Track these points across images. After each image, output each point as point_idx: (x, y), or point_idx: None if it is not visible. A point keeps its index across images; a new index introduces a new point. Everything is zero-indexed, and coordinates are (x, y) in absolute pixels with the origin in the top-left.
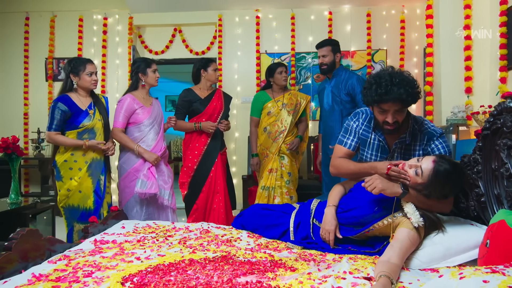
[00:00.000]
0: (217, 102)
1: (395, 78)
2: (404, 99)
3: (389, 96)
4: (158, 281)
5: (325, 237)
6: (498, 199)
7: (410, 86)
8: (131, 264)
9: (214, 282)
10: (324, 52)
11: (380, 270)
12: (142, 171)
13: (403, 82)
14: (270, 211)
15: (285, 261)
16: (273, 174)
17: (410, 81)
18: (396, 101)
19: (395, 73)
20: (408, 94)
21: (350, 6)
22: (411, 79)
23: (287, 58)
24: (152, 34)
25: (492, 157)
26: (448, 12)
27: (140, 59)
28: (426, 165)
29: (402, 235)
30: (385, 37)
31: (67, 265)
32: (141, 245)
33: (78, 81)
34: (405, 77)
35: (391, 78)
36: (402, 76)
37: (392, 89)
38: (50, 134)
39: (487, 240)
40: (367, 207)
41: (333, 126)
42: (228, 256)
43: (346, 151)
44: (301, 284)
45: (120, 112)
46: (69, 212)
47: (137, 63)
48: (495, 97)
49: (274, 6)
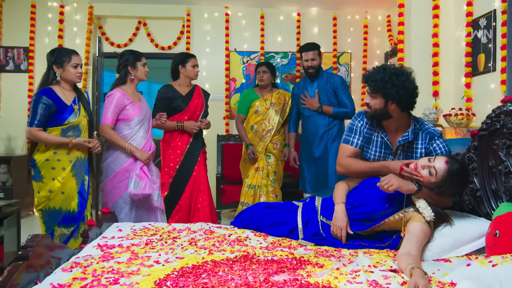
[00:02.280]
0: (198, 99)
1: (379, 67)
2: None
3: (364, 79)
4: (194, 284)
5: (336, 233)
6: (495, 194)
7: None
8: (154, 268)
9: (253, 282)
10: (313, 55)
11: (408, 263)
12: (134, 171)
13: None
14: (274, 210)
15: (307, 258)
16: (259, 173)
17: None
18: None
19: (393, 67)
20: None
21: (318, 9)
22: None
23: (257, 57)
24: (114, 26)
25: (489, 156)
26: (418, 21)
27: (129, 51)
28: (439, 165)
29: (417, 229)
30: (349, 40)
31: (84, 273)
32: (151, 248)
33: (62, 73)
34: (395, 70)
35: (380, 67)
36: (396, 69)
37: (368, 74)
38: (31, 130)
39: (496, 230)
40: (378, 203)
41: (318, 124)
42: (249, 256)
43: (353, 150)
44: (336, 280)
45: (109, 107)
46: (49, 216)
47: (125, 55)
48: (460, 100)
49: (244, 4)
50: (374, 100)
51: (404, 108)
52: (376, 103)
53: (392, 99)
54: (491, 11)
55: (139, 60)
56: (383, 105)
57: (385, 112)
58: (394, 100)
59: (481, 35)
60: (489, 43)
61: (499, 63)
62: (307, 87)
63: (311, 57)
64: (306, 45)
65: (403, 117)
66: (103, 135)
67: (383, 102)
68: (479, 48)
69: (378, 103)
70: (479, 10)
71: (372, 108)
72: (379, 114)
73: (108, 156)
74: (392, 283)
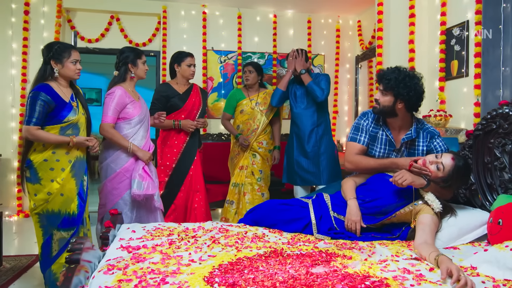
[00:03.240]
0: (196, 98)
1: (402, 71)
2: (382, 81)
3: (378, 76)
4: (243, 279)
5: (351, 227)
6: (490, 187)
7: (404, 79)
8: (194, 267)
9: (297, 275)
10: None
11: (430, 251)
12: (136, 171)
13: (393, 71)
14: (288, 206)
15: (332, 251)
16: (243, 171)
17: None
18: (382, 81)
19: (406, 70)
20: (389, 80)
21: (293, 11)
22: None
23: (234, 57)
24: (84, 20)
25: (485, 153)
26: (396, 27)
27: (129, 48)
28: (446, 161)
29: (428, 220)
30: (323, 43)
31: (125, 274)
32: (176, 247)
33: (60, 69)
34: (408, 73)
35: (394, 68)
36: (409, 72)
37: (382, 73)
38: (30, 129)
39: (499, 219)
40: (390, 197)
41: (307, 120)
42: (277, 251)
43: (360, 147)
44: (371, 269)
45: (110, 105)
46: (48, 219)
47: (125, 53)
48: (435, 102)
49: (221, 3)
50: (384, 97)
51: (410, 109)
52: (385, 100)
53: (402, 98)
54: (464, 21)
55: (140, 57)
56: (392, 103)
57: (392, 110)
58: (403, 100)
59: (454, 43)
60: (462, 51)
61: (472, 69)
62: (297, 86)
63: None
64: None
65: (407, 117)
66: (104, 134)
67: (392, 100)
68: (452, 54)
69: (387, 101)
70: (453, 20)
71: (381, 104)
72: (386, 111)
73: (107, 156)
74: (421, 269)
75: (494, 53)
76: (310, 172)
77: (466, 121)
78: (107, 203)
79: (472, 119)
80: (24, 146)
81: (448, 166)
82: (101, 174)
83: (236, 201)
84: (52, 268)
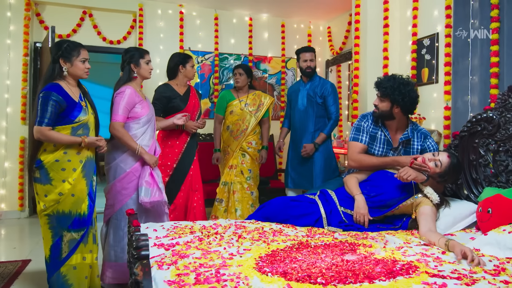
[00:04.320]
0: (195, 99)
1: (396, 79)
2: (379, 88)
3: (376, 85)
4: (291, 268)
5: (359, 219)
6: (475, 181)
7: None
8: (238, 260)
9: (336, 262)
10: (311, 56)
11: (438, 237)
12: (142, 178)
13: (388, 79)
14: (299, 202)
15: (351, 241)
16: (233, 170)
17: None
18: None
19: (401, 78)
20: (384, 88)
21: (268, 15)
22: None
23: (211, 58)
24: (55, 14)
25: (470, 151)
26: (372, 36)
27: (134, 48)
28: (443, 158)
29: (428, 211)
30: (295, 47)
31: (178, 269)
32: (208, 243)
33: (69, 67)
34: (402, 81)
35: (389, 76)
36: (403, 80)
37: (379, 81)
38: (42, 130)
39: (489, 208)
40: (393, 191)
41: (306, 124)
42: (303, 243)
43: (362, 146)
44: (393, 255)
45: (121, 104)
46: (58, 220)
47: (130, 52)
48: None
49: (199, 4)
50: (382, 103)
51: (406, 112)
52: (383, 106)
53: (398, 104)
54: (434, 33)
55: (143, 57)
56: (389, 108)
57: (390, 113)
58: (399, 105)
59: (425, 52)
60: (432, 60)
61: (441, 77)
62: (300, 88)
63: (309, 57)
64: (305, 47)
65: (403, 119)
66: (114, 133)
67: (389, 105)
68: (423, 63)
69: (385, 106)
70: (423, 31)
71: (379, 109)
72: (384, 115)
73: (117, 156)
74: (435, 253)
75: (463, 63)
76: (304, 175)
77: (437, 123)
78: (115, 203)
79: (443, 122)
80: (32, 147)
81: (445, 163)
82: (108, 175)
83: (226, 199)
84: (61, 270)
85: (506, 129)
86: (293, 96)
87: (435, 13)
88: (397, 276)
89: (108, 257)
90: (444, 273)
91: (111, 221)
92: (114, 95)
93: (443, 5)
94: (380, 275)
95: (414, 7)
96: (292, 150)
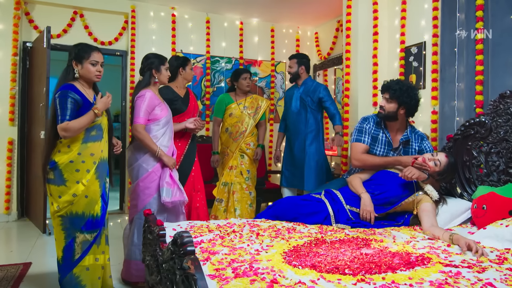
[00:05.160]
0: (194, 101)
1: (395, 80)
2: (387, 90)
3: (384, 87)
4: (316, 261)
5: (366, 216)
6: (468, 181)
7: (407, 90)
8: (265, 255)
9: (356, 255)
10: (291, 63)
11: (442, 232)
12: (163, 178)
13: (395, 82)
14: (308, 202)
15: (362, 236)
16: (233, 171)
17: (409, 88)
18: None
19: (407, 82)
20: (392, 89)
21: (258, 20)
22: (411, 88)
23: (203, 60)
24: (44, 13)
25: (463, 153)
26: (362, 42)
27: (153, 55)
28: (441, 158)
29: (429, 207)
30: (284, 51)
31: (213, 264)
32: (231, 241)
33: (80, 69)
34: (409, 85)
35: (395, 80)
36: (410, 84)
37: (387, 84)
38: (64, 125)
39: (483, 205)
40: (396, 189)
41: (299, 126)
42: (319, 239)
43: (364, 146)
44: (404, 248)
45: (142, 107)
46: (71, 222)
47: (150, 59)
48: None
49: (191, 7)
50: (389, 104)
51: (409, 114)
52: (390, 107)
53: (404, 105)
54: (421, 42)
55: (163, 64)
56: (395, 109)
57: (395, 115)
58: (405, 106)
59: (412, 60)
60: (420, 67)
61: (429, 83)
62: (294, 92)
63: (289, 64)
64: (291, 55)
65: (404, 121)
66: (136, 135)
67: (396, 107)
68: (411, 69)
69: (392, 107)
70: (411, 40)
71: (386, 110)
72: (390, 116)
73: (139, 157)
74: (441, 246)
75: (450, 71)
76: (296, 175)
77: (424, 126)
78: (138, 203)
79: (430, 125)
80: (46, 148)
81: (443, 162)
82: (131, 176)
83: (225, 199)
84: (74, 271)
85: (498, 132)
86: (288, 99)
87: (422, 23)
88: (415, 266)
89: (133, 255)
90: (455, 262)
91: (135, 221)
92: (134, 99)
93: (430, 15)
94: (400, 266)
95: (402, 17)
96: (287, 150)
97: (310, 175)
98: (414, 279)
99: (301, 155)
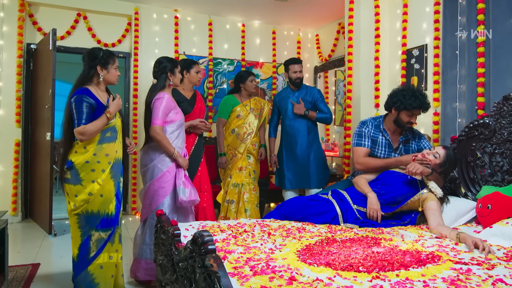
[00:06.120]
0: (201, 103)
1: (421, 94)
2: (427, 108)
3: (422, 106)
4: (330, 259)
5: (373, 215)
6: (472, 181)
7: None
8: (279, 254)
9: (368, 253)
10: (300, 68)
11: (449, 230)
12: (179, 178)
13: (425, 97)
14: (316, 202)
15: (372, 235)
16: (243, 172)
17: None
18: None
19: (419, 91)
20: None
21: (260, 22)
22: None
23: (205, 62)
24: (48, 15)
25: (467, 154)
26: (364, 45)
27: (166, 59)
28: (439, 150)
29: (435, 205)
30: (285, 53)
31: (231, 263)
32: (243, 240)
33: (105, 74)
34: (424, 93)
35: (420, 93)
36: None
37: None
38: (83, 128)
39: (488, 204)
40: (401, 188)
41: (298, 129)
42: (330, 238)
43: (366, 150)
44: (414, 246)
45: (160, 109)
46: (87, 220)
47: (164, 63)
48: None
49: (193, 9)
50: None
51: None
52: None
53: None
54: (423, 44)
55: (177, 67)
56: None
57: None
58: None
59: (414, 62)
60: (422, 69)
61: (430, 85)
62: (289, 96)
63: (298, 69)
64: (294, 59)
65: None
66: (155, 136)
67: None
68: (412, 71)
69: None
70: (412, 42)
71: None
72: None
73: (154, 158)
74: (449, 244)
75: (451, 73)
76: (301, 175)
77: (426, 128)
78: (152, 203)
79: (432, 126)
80: (63, 148)
81: (442, 154)
82: (145, 176)
83: (236, 200)
84: (88, 269)
85: (501, 134)
86: (283, 103)
87: (424, 26)
88: (426, 264)
89: (144, 254)
90: (465, 260)
91: (148, 221)
92: (152, 101)
93: (431, 18)
94: (412, 263)
95: (404, 20)
96: (286, 153)
97: (315, 173)
98: (426, 276)
99: (305, 154)
